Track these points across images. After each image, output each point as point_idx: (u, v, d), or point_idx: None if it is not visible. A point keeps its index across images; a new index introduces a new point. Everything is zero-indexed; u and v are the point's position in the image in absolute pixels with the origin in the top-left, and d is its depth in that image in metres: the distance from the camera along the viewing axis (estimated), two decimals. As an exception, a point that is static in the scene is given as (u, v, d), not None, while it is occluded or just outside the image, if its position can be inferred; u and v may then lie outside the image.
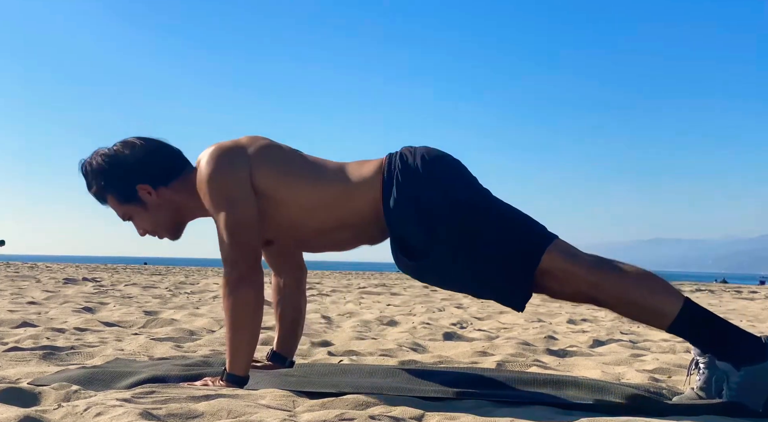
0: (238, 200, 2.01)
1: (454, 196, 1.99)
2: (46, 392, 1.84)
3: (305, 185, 2.06)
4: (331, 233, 2.11)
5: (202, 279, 12.76)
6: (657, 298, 1.96)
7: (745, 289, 17.29)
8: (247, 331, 2.01)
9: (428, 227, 1.96)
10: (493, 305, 7.17)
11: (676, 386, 2.36)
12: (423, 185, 1.99)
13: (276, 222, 2.09)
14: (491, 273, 1.98)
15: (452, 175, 2.04)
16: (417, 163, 2.02)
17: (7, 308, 5.03)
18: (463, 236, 1.96)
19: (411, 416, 1.66)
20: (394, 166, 2.03)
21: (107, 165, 2.16)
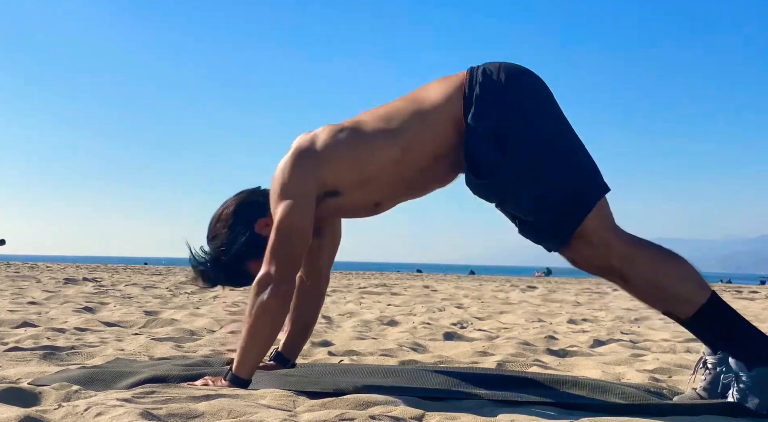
0: (297, 205, 1.99)
1: (531, 120, 1.95)
2: (46, 392, 1.84)
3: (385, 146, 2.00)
4: (430, 168, 2.04)
5: (202, 279, 12.74)
6: (686, 285, 1.94)
7: (746, 289, 17.29)
8: (262, 337, 2.00)
9: (500, 145, 1.92)
10: (493, 305, 7.18)
11: (676, 386, 2.36)
12: (503, 103, 1.94)
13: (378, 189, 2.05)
14: (546, 206, 1.94)
15: (533, 96, 1.99)
16: (501, 78, 1.96)
17: (7, 308, 5.03)
18: (531, 162, 1.92)
19: (411, 416, 1.66)
20: (475, 80, 1.97)
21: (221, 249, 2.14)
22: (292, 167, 2.02)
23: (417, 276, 21.15)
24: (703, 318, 1.93)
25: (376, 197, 2.09)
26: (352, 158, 2.02)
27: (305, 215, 2.00)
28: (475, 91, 1.95)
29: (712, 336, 1.96)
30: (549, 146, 1.94)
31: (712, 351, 1.96)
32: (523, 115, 1.94)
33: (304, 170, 2.01)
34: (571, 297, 9.38)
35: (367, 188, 2.05)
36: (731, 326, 1.93)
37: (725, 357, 1.93)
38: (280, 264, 1.98)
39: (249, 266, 2.14)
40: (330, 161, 2.02)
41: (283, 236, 1.98)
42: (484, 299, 8.46)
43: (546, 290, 11.69)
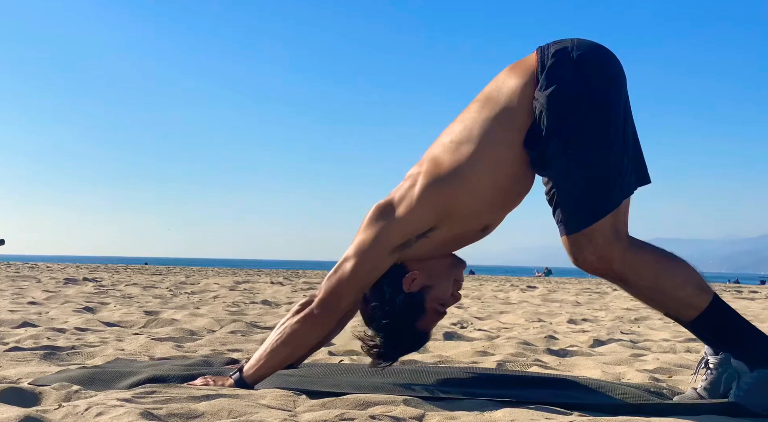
0: (373, 256, 1.98)
1: (594, 96, 1.91)
2: (46, 392, 1.84)
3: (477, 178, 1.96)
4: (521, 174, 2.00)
5: (202, 279, 12.76)
6: (688, 289, 1.93)
7: (746, 289, 17.29)
8: (283, 355, 2.03)
9: (561, 115, 1.89)
10: (493, 305, 7.18)
11: (676, 386, 2.36)
12: (572, 76, 1.91)
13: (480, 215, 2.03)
14: (577, 185, 1.91)
15: (602, 74, 1.95)
16: (573, 54, 1.93)
17: (7, 308, 5.03)
18: (581, 139, 1.90)
19: (411, 416, 1.66)
20: (547, 57, 1.94)
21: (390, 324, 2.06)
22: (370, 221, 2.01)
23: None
24: (706, 321, 1.93)
25: (482, 221, 2.06)
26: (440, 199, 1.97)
27: (376, 267, 2.00)
28: (546, 66, 1.93)
29: (714, 338, 1.96)
30: (603, 128, 1.91)
31: (713, 352, 1.96)
32: (588, 91, 1.91)
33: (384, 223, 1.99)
34: (571, 297, 9.38)
35: (463, 219, 2.01)
36: (733, 328, 1.94)
37: (727, 358, 1.93)
38: (332, 299, 2.00)
39: (417, 327, 2.10)
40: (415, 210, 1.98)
41: (349, 277, 1.98)
42: (484, 299, 8.45)
43: (546, 290, 11.69)
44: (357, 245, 2.00)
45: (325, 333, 2.06)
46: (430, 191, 1.97)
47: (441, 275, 2.08)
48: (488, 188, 1.97)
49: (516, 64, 2.02)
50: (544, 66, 1.93)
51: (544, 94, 1.90)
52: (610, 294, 10.47)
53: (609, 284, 2.37)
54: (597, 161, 1.90)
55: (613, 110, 1.93)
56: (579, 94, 1.91)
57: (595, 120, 1.91)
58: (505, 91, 1.98)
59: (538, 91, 1.92)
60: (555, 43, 1.99)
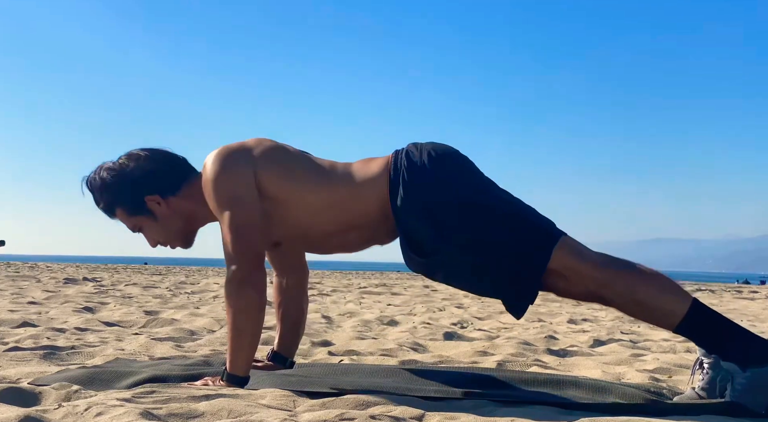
0: (243, 200, 2.00)
1: (461, 194, 1.98)
2: (46, 392, 1.84)
3: (312, 187, 2.05)
4: (339, 235, 2.11)
5: (202, 279, 12.76)
6: (665, 298, 1.96)
7: (746, 289, 17.29)
8: (248, 332, 2.01)
9: (436, 225, 1.96)
10: (493, 305, 7.17)
11: (676, 386, 2.36)
12: (430, 183, 1.98)
13: (283, 224, 2.09)
14: (498, 274, 1.99)
15: (459, 172, 2.03)
16: (423, 160, 2.01)
17: (7, 308, 5.03)
18: (470, 236, 1.96)
19: (411, 416, 1.66)
20: (400, 164, 2.02)
21: (113, 179, 2.15)
22: (225, 163, 2.03)
23: (417, 276, 21.12)
24: (688, 326, 1.96)
25: (279, 233, 2.13)
26: (281, 175, 2.05)
27: (252, 209, 2.01)
28: (400, 174, 2.00)
29: (701, 342, 1.98)
30: (484, 213, 1.97)
31: (707, 353, 1.96)
32: (451, 191, 1.98)
33: (238, 164, 2.03)
34: (571, 297, 9.37)
35: (276, 219, 2.07)
36: (718, 330, 1.95)
37: (718, 360, 1.93)
38: (243, 260, 1.99)
39: (116, 208, 2.17)
40: (265, 167, 2.04)
41: (238, 237, 1.99)
42: (484, 299, 8.45)
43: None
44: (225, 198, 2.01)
45: (264, 287, 2.03)
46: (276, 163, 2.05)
47: (171, 228, 2.17)
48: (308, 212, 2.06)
49: (373, 160, 2.09)
50: (398, 173, 2.00)
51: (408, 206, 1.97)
52: (610, 294, 10.45)
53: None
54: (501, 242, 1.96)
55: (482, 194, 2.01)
56: (442, 197, 1.97)
57: (471, 210, 1.97)
58: (362, 175, 2.05)
59: (400, 201, 1.98)
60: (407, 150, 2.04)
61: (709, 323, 1.95)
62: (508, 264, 1.97)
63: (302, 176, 2.06)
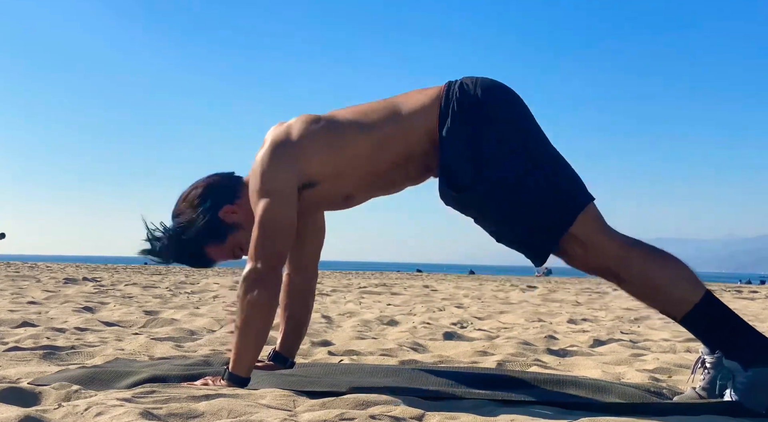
0: (280, 198, 1.99)
1: (507, 134, 1.96)
2: (46, 392, 1.84)
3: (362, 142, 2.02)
4: (402, 168, 2.06)
5: (202, 279, 12.76)
6: (680, 285, 1.95)
7: (746, 289, 17.29)
8: (255, 333, 2.00)
9: (475, 160, 1.93)
10: (493, 304, 7.18)
11: (676, 386, 2.36)
12: (478, 118, 1.95)
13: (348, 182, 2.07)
14: (524, 221, 1.96)
15: (510, 111, 2.00)
16: (477, 93, 1.98)
17: (7, 308, 5.03)
18: (507, 178, 1.93)
19: (411, 416, 1.66)
20: (452, 94, 1.99)
21: (182, 229, 2.13)
22: (271, 160, 2.02)
23: (417, 276, 21.13)
24: (698, 316, 1.94)
25: (348, 189, 2.11)
26: (328, 149, 2.03)
27: (288, 209, 2.00)
28: (451, 105, 1.97)
29: (707, 335, 1.97)
30: (526, 160, 1.95)
31: (709, 351, 1.96)
32: (499, 130, 1.96)
33: (283, 163, 2.02)
34: (571, 297, 9.38)
35: (340, 180, 2.06)
36: (726, 325, 1.94)
37: (722, 357, 1.93)
38: (266, 259, 1.98)
39: (206, 249, 2.16)
40: (307, 152, 2.03)
41: (266, 232, 1.98)
42: (484, 298, 8.46)
43: (546, 290, 11.69)
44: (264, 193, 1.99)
45: (278, 290, 2.03)
46: (322, 141, 2.02)
47: None
48: (365, 158, 2.02)
49: (424, 90, 2.07)
50: (449, 103, 1.98)
51: (453, 138, 1.95)
52: (610, 294, 10.47)
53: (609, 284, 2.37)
54: (534, 192, 1.94)
55: (528, 138, 1.98)
56: (489, 134, 1.94)
57: (514, 154, 1.95)
58: (410, 106, 2.03)
59: (446, 132, 1.96)
60: (461, 82, 2.02)
61: (718, 316, 1.94)
62: (533, 217, 1.94)
63: (352, 138, 2.03)
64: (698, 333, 1.99)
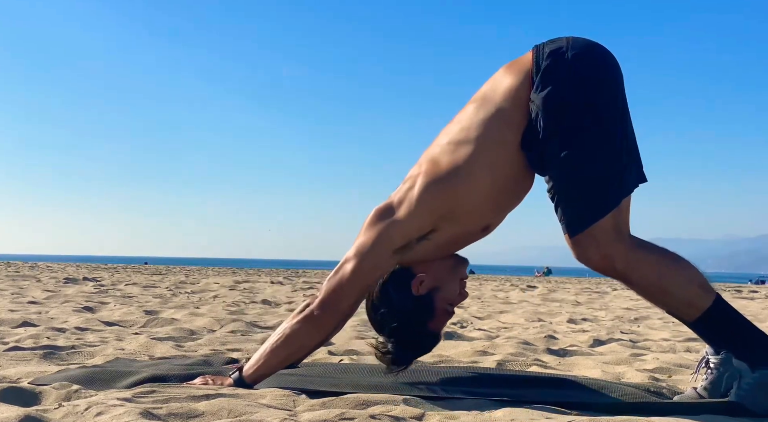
0: (380, 257, 1.98)
1: (592, 99, 1.92)
2: (46, 391, 1.84)
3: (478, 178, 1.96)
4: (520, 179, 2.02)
5: (202, 279, 12.76)
6: (690, 289, 1.93)
7: (745, 289, 17.29)
8: (283, 355, 2.03)
9: (557, 116, 1.90)
10: (493, 304, 7.18)
11: (676, 385, 2.36)
12: (567, 77, 1.92)
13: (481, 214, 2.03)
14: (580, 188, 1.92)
15: (598, 72, 1.96)
16: (568, 53, 1.93)
17: (7, 307, 5.03)
18: (580, 138, 1.90)
19: (411, 415, 1.66)
20: (542, 57, 1.95)
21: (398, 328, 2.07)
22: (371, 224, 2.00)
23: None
24: (708, 320, 1.94)
25: (483, 221, 2.06)
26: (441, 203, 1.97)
27: (380, 269, 2.00)
28: (541, 67, 1.93)
29: (716, 338, 1.96)
30: (599, 128, 1.92)
31: (714, 351, 1.96)
32: (585, 92, 1.92)
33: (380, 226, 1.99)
34: (571, 297, 9.38)
35: (464, 219, 2.02)
36: (735, 328, 1.94)
37: (728, 358, 1.92)
38: (335, 302, 2.00)
39: (429, 327, 2.11)
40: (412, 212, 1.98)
41: (353, 277, 1.98)
42: (484, 298, 8.46)
43: (546, 290, 11.69)
44: (357, 246, 2.00)
45: (326, 334, 2.06)
46: (429, 191, 1.97)
47: (447, 275, 2.09)
48: (487, 188, 1.98)
49: (511, 64, 2.03)
50: (539, 67, 1.94)
51: (539, 96, 1.91)
52: (609, 294, 10.47)
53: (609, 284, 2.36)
54: (595, 161, 1.91)
55: (610, 109, 1.94)
56: (574, 95, 1.91)
57: (592, 120, 1.91)
58: (500, 92, 1.99)
59: (534, 93, 1.93)
60: (550, 42, 1.99)
61: (728, 319, 1.94)
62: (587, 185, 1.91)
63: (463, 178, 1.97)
64: (707, 335, 1.99)
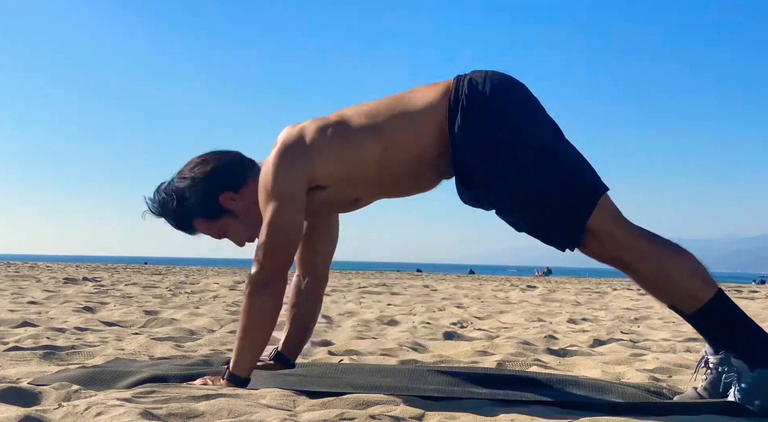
0: (289, 201, 1.99)
1: (518, 130, 1.94)
2: (46, 392, 1.84)
3: (370, 144, 2.00)
4: (411, 174, 2.06)
5: (202, 279, 12.76)
6: (694, 281, 1.94)
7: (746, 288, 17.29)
8: (258, 335, 2.01)
9: (488, 157, 1.92)
10: (493, 304, 7.18)
11: (676, 385, 2.36)
12: (489, 114, 1.93)
13: (357, 185, 2.07)
14: (546, 213, 1.95)
15: (521, 106, 1.98)
16: (486, 89, 1.95)
17: (7, 307, 5.03)
18: (521, 173, 1.92)
19: (411, 415, 1.66)
20: (461, 90, 1.97)
21: (180, 194, 2.15)
22: (282, 162, 2.01)
23: (417, 276, 21.13)
24: (708, 314, 1.93)
25: (357, 192, 2.11)
26: (339, 155, 2.02)
27: (296, 213, 2.00)
28: (461, 101, 1.95)
29: (715, 334, 1.96)
30: (539, 153, 1.94)
31: (714, 351, 1.96)
32: (510, 125, 1.94)
33: (293, 165, 2.01)
34: (571, 297, 9.38)
35: (350, 183, 2.06)
36: (736, 324, 1.93)
37: (727, 357, 1.92)
38: (274, 262, 1.99)
39: (195, 221, 2.17)
40: (318, 157, 2.01)
41: (275, 234, 1.98)
42: (484, 298, 8.46)
43: (546, 290, 11.69)
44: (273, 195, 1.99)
45: (282, 294, 2.03)
46: (333, 146, 2.01)
47: (253, 221, 2.12)
48: (376, 164, 2.01)
49: (434, 85, 2.05)
50: (459, 99, 1.95)
51: (464, 135, 1.93)
52: (610, 294, 10.47)
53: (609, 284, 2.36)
54: (551, 184, 1.93)
55: (540, 132, 1.97)
56: (500, 129, 1.93)
57: (527, 148, 1.93)
58: (420, 104, 2.01)
59: (457, 129, 1.94)
60: (470, 77, 2.00)
61: (728, 315, 1.93)
62: (550, 210, 1.94)
63: (362, 143, 2.01)
64: (706, 330, 1.98)
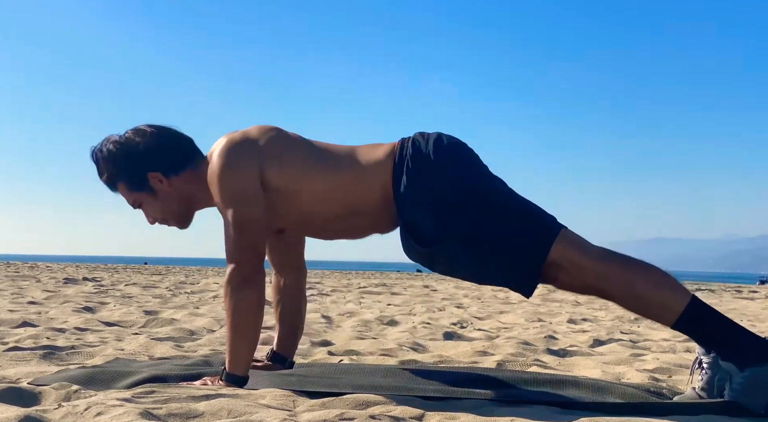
0: (247, 198, 2.00)
1: (464, 185, 1.99)
2: (46, 392, 1.84)
3: (316, 173, 2.05)
4: (342, 220, 2.10)
5: (202, 279, 12.76)
6: (664, 293, 1.95)
7: (746, 289, 17.29)
8: (247, 332, 2.01)
9: (437, 215, 1.96)
10: (493, 304, 7.18)
11: (676, 386, 2.36)
12: (433, 173, 1.98)
13: (287, 212, 2.09)
14: (500, 263, 1.98)
15: (464, 163, 2.03)
16: (429, 149, 2.01)
17: (7, 308, 5.03)
18: (472, 227, 1.96)
19: (411, 416, 1.66)
20: (405, 151, 2.02)
21: (118, 152, 2.15)
22: (229, 159, 2.02)
23: (417, 276, 21.12)
24: (687, 322, 1.95)
25: (283, 221, 2.14)
26: (282, 159, 2.05)
27: (255, 208, 2.01)
28: (405, 162, 2.00)
29: (700, 339, 1.98)
30: (485, 206, 1.98)
31: (705, 351, 1.97)
32: (455, 183, 1.98)
33: (243, 160, 2.02)
34: (571, 297, 9.38)
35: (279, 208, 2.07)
36: (717, 328, 1.94)
37: (716, 360, 1.93)
38: (245, 257, 2.00)
39: (118, 181, 2.18)
40: (271, 158, 2.04)
41: (241, 233, 1.99)
42: (484, 298, 8.45)
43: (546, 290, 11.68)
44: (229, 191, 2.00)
45: (264, 285, 2.04)
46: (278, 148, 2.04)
47: (171, 208, 2.17)
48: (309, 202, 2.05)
49: (379, 145, 2.10)
50: (403, 160, 2.00)
51: (411, 195, 1.97)
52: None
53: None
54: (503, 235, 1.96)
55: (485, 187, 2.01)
56: (446, 188, 1.97)
57: (475, 203, 1.97)
58: (367, 158, 2.05)
59: (403, 189, 1.98)
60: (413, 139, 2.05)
61: (708, 320, 1.95)
62: (507, 257, 1.97)
63: (306, 163, 2.06)
64: (692, 336, 2.01)
